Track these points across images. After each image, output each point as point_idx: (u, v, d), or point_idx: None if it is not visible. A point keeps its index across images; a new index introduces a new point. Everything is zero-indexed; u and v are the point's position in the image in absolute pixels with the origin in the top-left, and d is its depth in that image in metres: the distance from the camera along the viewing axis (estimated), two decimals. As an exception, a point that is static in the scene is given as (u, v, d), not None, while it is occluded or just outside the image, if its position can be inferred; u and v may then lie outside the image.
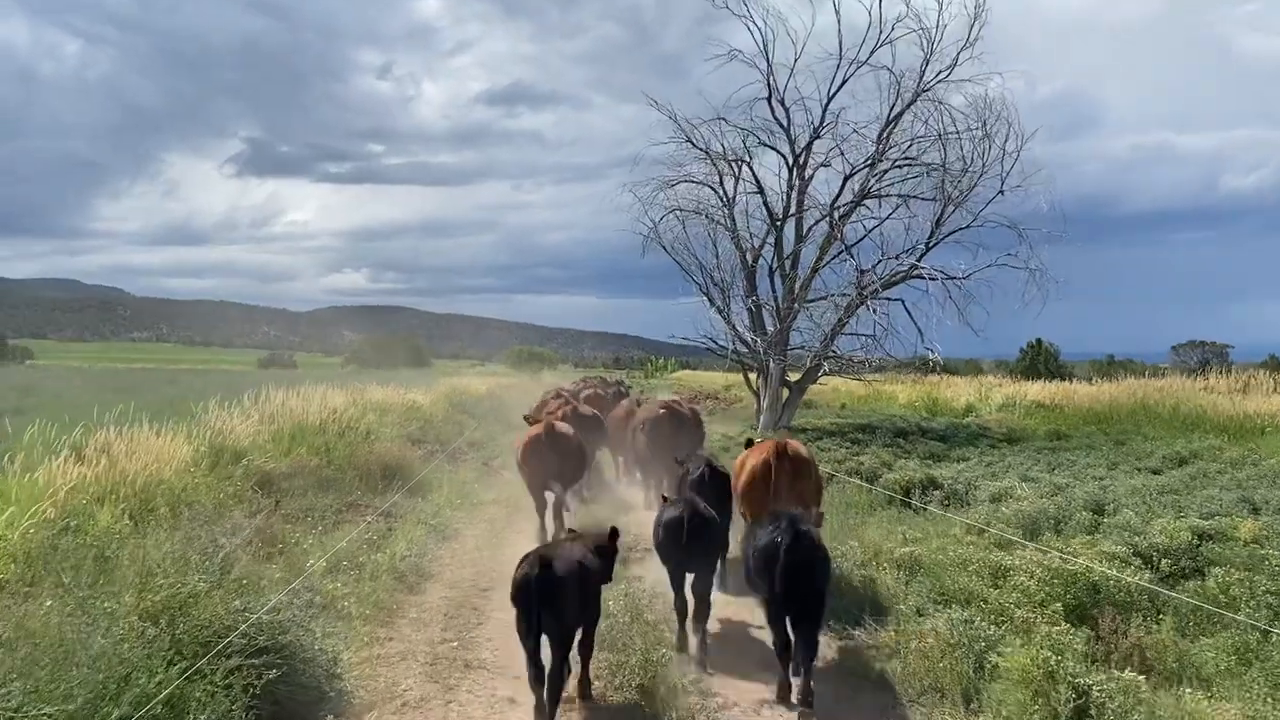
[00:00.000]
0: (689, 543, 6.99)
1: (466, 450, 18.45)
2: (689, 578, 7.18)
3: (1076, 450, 17.41)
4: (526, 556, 5.81)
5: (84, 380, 38.36)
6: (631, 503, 13.98)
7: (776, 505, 7.32)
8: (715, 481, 8.79)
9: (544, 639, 5.60)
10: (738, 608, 8.47)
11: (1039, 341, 54.24)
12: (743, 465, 8.88)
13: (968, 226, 21.89)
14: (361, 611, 7.75)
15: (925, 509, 12.40)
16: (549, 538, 10.24)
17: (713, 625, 7.65)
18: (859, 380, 25.03)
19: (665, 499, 8.06)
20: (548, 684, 5.49)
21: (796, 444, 8.98)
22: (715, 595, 7.75)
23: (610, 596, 6.79)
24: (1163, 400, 22.27)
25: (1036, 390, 28.62)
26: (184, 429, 12.16)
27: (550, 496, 11.14)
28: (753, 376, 24.23)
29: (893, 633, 7.32)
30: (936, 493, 13.77)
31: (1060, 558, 7.97)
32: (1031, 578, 7.60)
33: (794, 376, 23.72)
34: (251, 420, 13.68)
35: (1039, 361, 53.73)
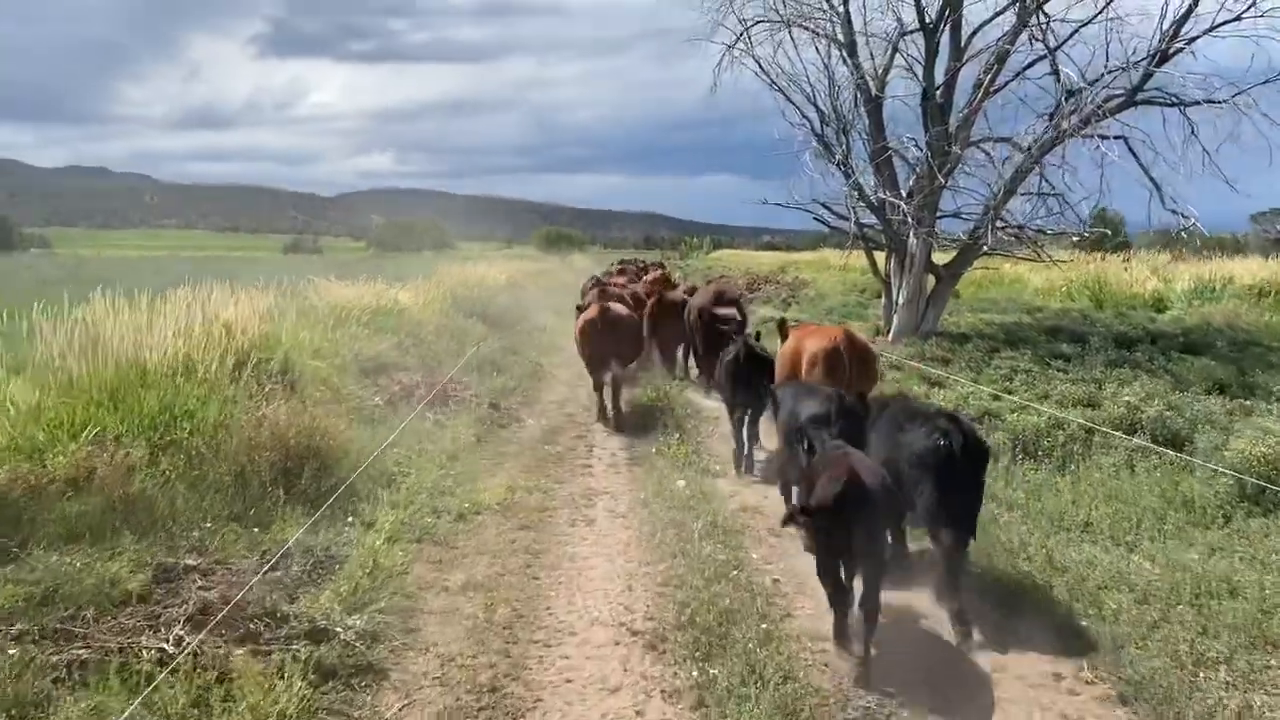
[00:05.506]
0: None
1: (466, 383, 11.65)
2: None
3: None
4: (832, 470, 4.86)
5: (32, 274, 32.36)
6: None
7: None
8: (752, 362, 8.76)
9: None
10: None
11: (1102, 211, 46.46)
12: (799, 350, 8.37)
13: (1237, 18, 13.90)
14: None
15: None
16: (609, 418, 10.56)
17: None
18: (1041, 261, 17.31)
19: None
20: (865, 617, 4.65)
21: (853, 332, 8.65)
22: None
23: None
24: None
25: (1245, 270, 20.94)
26: None
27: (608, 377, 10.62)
28: (880, 258, 16.89)
29: None
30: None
31: None
32: None
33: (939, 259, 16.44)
34: (24, 357, 6.95)
35: (1106, 237, 46.45)
